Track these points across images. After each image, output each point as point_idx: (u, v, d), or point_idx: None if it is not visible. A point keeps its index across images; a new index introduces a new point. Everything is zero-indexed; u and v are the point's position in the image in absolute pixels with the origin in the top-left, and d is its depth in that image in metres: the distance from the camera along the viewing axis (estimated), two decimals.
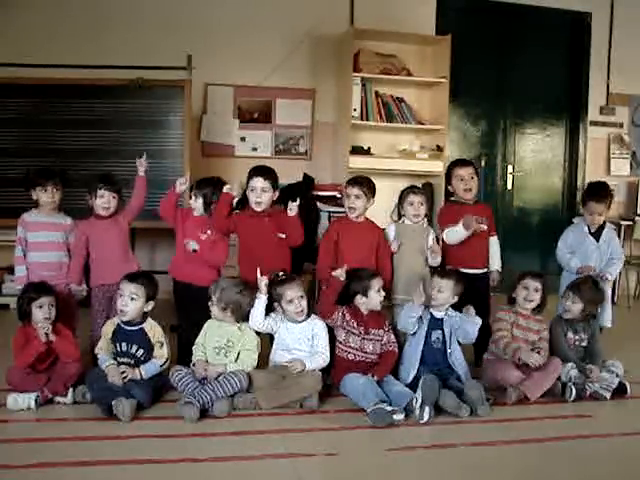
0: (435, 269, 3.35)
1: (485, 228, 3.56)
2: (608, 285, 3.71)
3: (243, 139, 5.25)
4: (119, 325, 2.95)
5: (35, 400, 2.70)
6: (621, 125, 6.10)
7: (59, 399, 2.78)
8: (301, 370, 2.88)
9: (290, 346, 3.01)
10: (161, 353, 2.93)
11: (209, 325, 3.04)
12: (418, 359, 3.02)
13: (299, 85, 5.31)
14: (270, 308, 3.05)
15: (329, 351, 3.02)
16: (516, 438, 2.62)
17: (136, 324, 2.94)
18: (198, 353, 2.98)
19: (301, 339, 3.02)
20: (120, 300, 2.91)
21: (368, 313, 3.10)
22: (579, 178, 6.04)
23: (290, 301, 2.99)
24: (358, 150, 5.07)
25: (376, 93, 5.20)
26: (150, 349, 2.93)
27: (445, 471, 2.35)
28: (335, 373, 3.02)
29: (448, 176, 3.75)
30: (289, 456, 2.39)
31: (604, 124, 6.05)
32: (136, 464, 2.27)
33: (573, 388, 3.04)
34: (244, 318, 3.01)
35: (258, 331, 3.03)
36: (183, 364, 2.93)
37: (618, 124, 6.09)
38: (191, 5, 5.08)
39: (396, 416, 2.67)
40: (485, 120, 5.89)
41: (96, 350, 2.96)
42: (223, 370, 2.86)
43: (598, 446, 2.62)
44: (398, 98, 5.27)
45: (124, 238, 3.37)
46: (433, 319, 3.08)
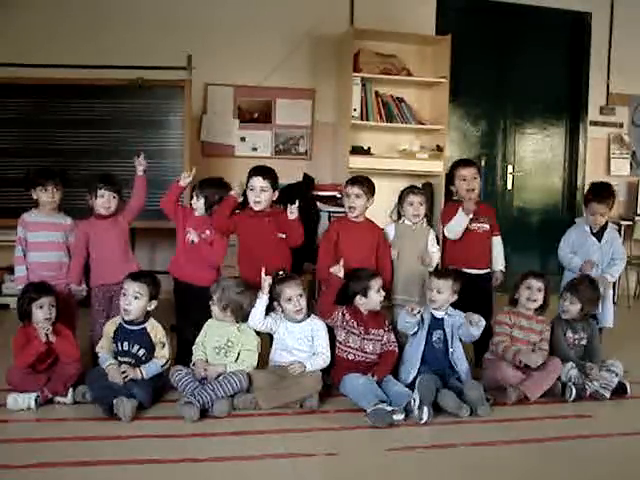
0: (432, 270, 3.36)
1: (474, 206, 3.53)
2: (609, 285, 3.71)
3: (243, 139, 5.25)
4: (121, 324, 2.95)
5: (35, 400, 2.70)
6: (621, 125, 6.10)
7: (59, 399, 2.78)
8: (301, 372, 2.89)
9: (290, 346, 3.01)
10: (162, 353, 2.93)
11: (209, 325, 3.04)
12: (419, 359, 3.01)
13: (299, 85, 5.30)
14: (270, 308, 3.05)
15: (329, 351, 3.02)
16: (516, 438, 2.62)
17: (138, 323, 2.94)
18: (198, 353, 2.98)
19: (301, 339, 3.02)
20: (124, 299, 2.91)
21: (368, 313, 3.11)
22: (579, 178, 6.04)
23: (289, 299, 2.99)
24: (358, 150, 5.07)
25: (376, 93, 5.20)
26: (151, 349, 2.93)
27: (445, 471, 2.35)
28: (335, 373, 3.02)
29: (451, 176, 3.74)
30: (289, 456, 2.39)
31: (604, 124, 6.05)
32: (136, 464, 2.27)
33: (573, 388, 3.04)
34: (244, 318, 3.01)
35: (258, 331, 3.04)
36: (182, 364, 2.93)
37: (618, 124, 6.09)
38: (191, 5, 5.08)
39: (396, 416, 2.68)
40: (485, 120, 5.89)
41: (97, 349, 2.96)
42: (223, 370, 2.86)
43: (598, 446, 2.62)
44: (398, 98, 5.27)
45: (124, 238, 3.37)
46: (434, 319, 3.08)
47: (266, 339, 3.08)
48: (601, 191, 3.76)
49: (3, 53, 4.51)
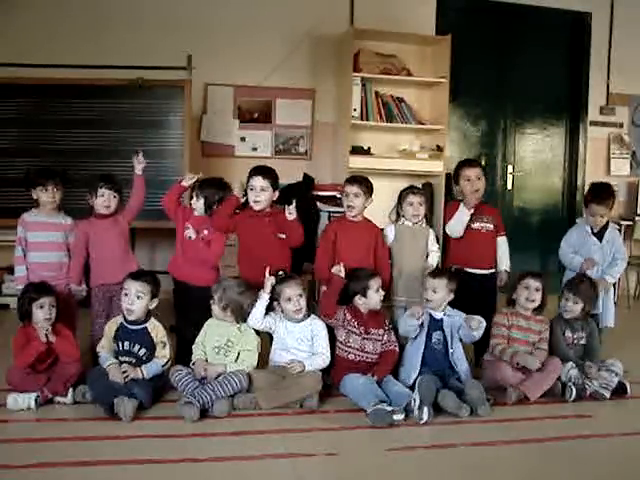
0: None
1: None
2: (610, 285, 3.71)
3: (243, 139, 5.25)
4: (122, 324, 2.95)
5: (35, 400, 2.70)
6: (621, 125, 6.10)
7: (59, 399, 2.78)
8: (300, 371, 2.89)
9: (290, 346, 3.01)
10: (163, 353, 2.93)
11: (209, 324, 3.04)
12: (419, 361, 3.01)
13: (299, 85, 5.30)
14: (270, 308, 3.05)
15: (329, 351, 3.02)
16: (516, 438, 2.62)
17: (139, 323, 2.94)
18: (198, 352, 2.98)
19: (300, 339, 3.02)
20: (126, 299, 2.91)
21: (368, 313, 3.10)
22: (579, 178, 6.04)
23: (289, 299, 2.99)
24: (358, 150, 5.06)
25: (376, 93, 5.20)
26: (152, 349, 2.93)
27: (445, 471, 2.35)
28: (335, 373, 3.02)
29: (455, 176, 3.74)
30: (289, 456, 2.39)
31: (604, 124, 6.05)
32: (136, 464, 2.27)
33: (573, 388, 3.04)
34: (245, 319, 3.01)
35: (258, 331, 3.03)
36: (182, 364, 2.93)
37: (618, 124, 6.09)
38: (191, 5, 5.08)
39: (396, 416, 2.67)
40: (485, 120, 5.89)
41: (98, 349, 2.96)
42: (223, 370, 2.86)
43: (598, 446, 2.62)
44: (398, 98, 5.27)
45: (124, 238, 3.37)
46: (433, 320, 3.08)
47: (266, 339, 3.08)
48: (601, 192, 3.76)
49: (3, 53, 4.52)
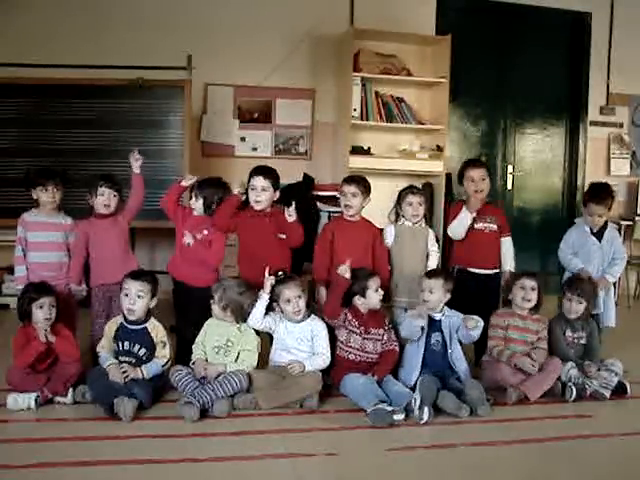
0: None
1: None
2: (610, 285, 3.71)
3: (243, 139, 5.25)
4: (122, 324, 2.95)
5: (35, 400, 2.70)
6: (621, 125, 6.10)
7: (59, 399, 2.78)
8: (300, 371, 2.89)
9: (290, 346, 3.01)
10: (163, 353, 2.93)
11: (209, 324, 3.04)
12: (420, 362, 3.01)
13: (299, 85, 5.30)
14: (270, 308, 3.05)
15: (330, 351, 3.02)
16: (516, 438, 2.62)
17: (140, 323, 2.94)
18: (198, 352, 2.98)
19: (300, 339, 3.01)
20: (127, 299, 2.90)
21: (368, 312, 3.10)
22: (579, 178, 6.04)
23: (288, 301, 2.99)
24: (358, 150, 5.06)
25: (376, 93, 5.19)
26: (152, 349, 2.93)
27: (445, 471, 2.35)
28: (335, 373, 3.02)
29: (460, 176, 3.73)
30: (289, 456, 2.39)
31: (604, 124, 6.05)
32: (136, 464, 2.27)
33: (573, 388, 3.04)
34: (244, 319, 3.01)
35: (258, 331, 3.03)
36: (182, 364, 2.93)
37: (618, 124, 6.08)
38: (191, 5, 5.08)
39: (396, 416, 2.68)
40: (485, 120, 5.89)
41: (98, 348, 2.96)
42: (223, 370, 2.86)
43: (598, 446, 2.62)
44: (398, 98, 5.26)
45: (124, 238, 3.37)
46: (431, 321, 3.07)
47: (266, 339, 3.08)
48: (599, 192, 3.76)
49: (3, 53, 4.52)
